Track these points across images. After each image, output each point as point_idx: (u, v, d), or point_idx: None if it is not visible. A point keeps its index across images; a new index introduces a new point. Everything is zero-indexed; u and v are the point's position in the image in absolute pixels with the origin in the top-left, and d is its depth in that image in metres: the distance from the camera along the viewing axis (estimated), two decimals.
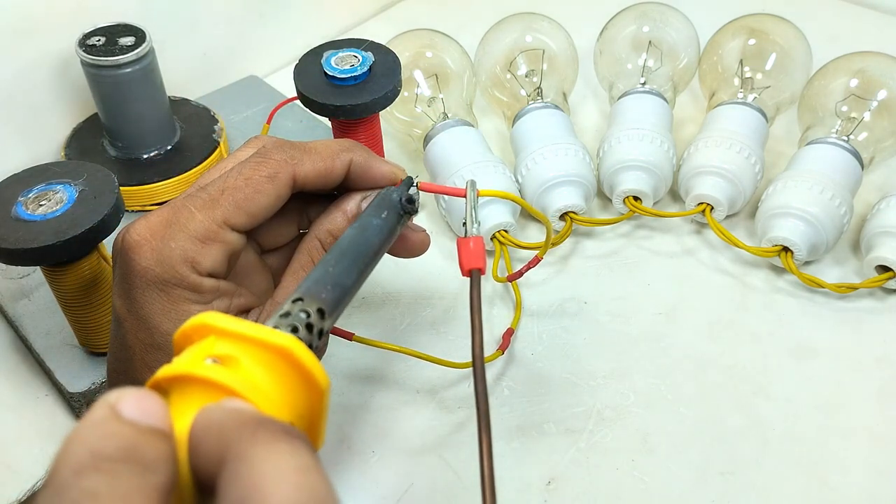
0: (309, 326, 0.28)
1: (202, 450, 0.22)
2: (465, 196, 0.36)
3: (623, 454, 0.43)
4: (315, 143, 0.36)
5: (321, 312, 0.29)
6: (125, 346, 0.34)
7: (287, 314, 0.28)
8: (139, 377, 0.34)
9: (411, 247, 0.38)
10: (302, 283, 0.30)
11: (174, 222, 0.33)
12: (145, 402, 0.22)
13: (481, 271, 0.32)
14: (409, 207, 0.36)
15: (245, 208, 0.34)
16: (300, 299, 0.29)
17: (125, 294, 0.34)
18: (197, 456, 0.22)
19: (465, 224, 0.35)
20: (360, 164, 0.36)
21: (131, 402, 0.22)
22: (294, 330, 0.28)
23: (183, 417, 0.23)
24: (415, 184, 0.37)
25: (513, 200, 0.39)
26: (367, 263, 0.33)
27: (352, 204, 0.37)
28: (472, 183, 0.36)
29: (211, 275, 0.34)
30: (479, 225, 0.35)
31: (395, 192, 0.36)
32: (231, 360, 0.25)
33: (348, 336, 0.44)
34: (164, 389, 0.24)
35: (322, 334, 0.29)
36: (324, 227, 0.36)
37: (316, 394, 0.25)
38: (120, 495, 0.20)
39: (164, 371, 0.24)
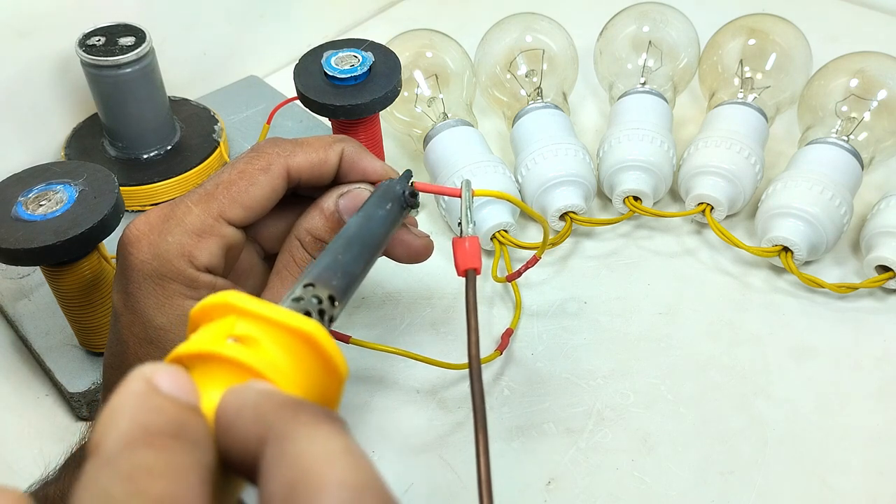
0: (321, 313, 0.28)
1: (236, 431, 0.21)
2: (460, 196, 0.36)
3: (623, 454, 0.43)
4: (308, 137, 0.37)
5: (332, 299, 0.28)
6: (120, 341, 0.35)
7: (299, 298, 0.28)
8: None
9: (414, 252, 0.39)
10: (311, 269, 0.29)
11: (171, 217, 0.34)
12: (180, 379, 0.22)
13: (477, 271, 0.32)
14: (412, 201, 0.35)
15: (240, 201, 0.34)
16: (311, 284, 0.28)
17: (123, 288, 0.34)
18: (229, 437, 0.21)
19: (460, 224, 0.35)
20: (350, 155, 0.37)
21: (167, 377, 0.21)
22: (307, 315, 0.27)
23: (206, 396, 0.23)
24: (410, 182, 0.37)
25: (508, 200, 0.38)
26: (372, 254, 0.32)
27: (329, 202, 0.36)
28: (467, 183, 0.36)
29: (208, 270, 0.34)
30: (474, 225, 0.35)
31: (397, 184, 0.35)
32: (252, 341, 0.24)
33: (345, 339, 0.44)
34: (184, 366, 0.24)
35: (332, 322, 0.28)
36: (302, 226, 0.36)
37: (334, 381, 0.25)
38: (174, 471, 0.19)
39: (187, 347, 0.24)
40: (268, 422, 0.21)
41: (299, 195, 0.37)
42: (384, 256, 0.41)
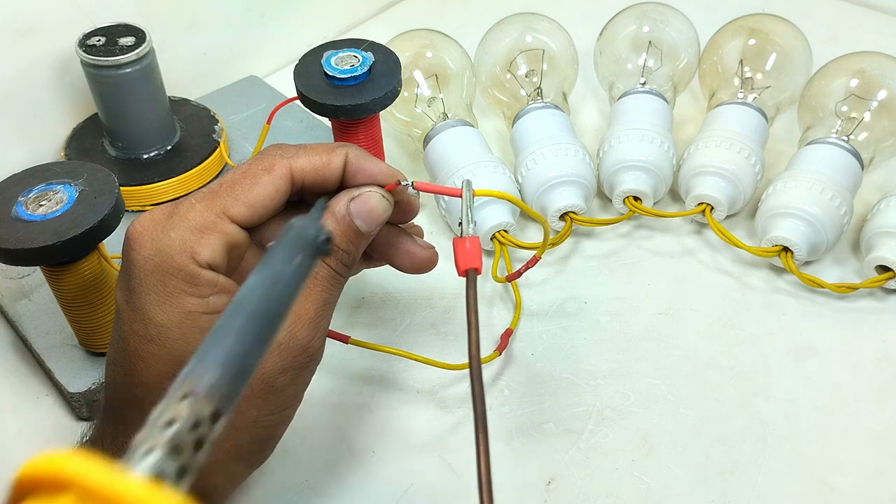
0: (198, 443, 0.21)
1: None
2: (460, 196, 0.36)
3: (623, 454, 0.43)
4: (312, 143, 0.37)
5: (215, 416, 0.21)
6: (121, 337, 0.35)
7: (171, 422, 0.21)
8: (132, 367, 0.34)
9: (418, 263, 0.39)
10: (194, 366, 0.22)
11: (175, 214, 0.34)
12: None
13: (477, 271, 0.32)
14: (326, 248, 0.27)
15: (243, 198, 0.35)
16: (190, 395, 0.21)
17: (125, 285, 0.35)
18: None
19: (461, 224, 0.35)
20: (355, 159, 0.37)
21: None
22: (181, 473, 0.20)
23: None
24: (409, 183, 0.37)
25: (509, 200, 0.39)
26: (276, 327, 0.25)
27: (340, 206, 0.36)
28: (468, 183, 0.36)
29: (210, 267, 0.34)
30: (475, 225, 0.35)
31: (310, 227, 0.27)
32: None
33: (344, 339, 0.44)
34: None
35: (206, 444, 0.21)
36: None
37: None
38: None
39: None
40: None
41: (308, 203, 0.38)
42: (387, 265, 0.41)
